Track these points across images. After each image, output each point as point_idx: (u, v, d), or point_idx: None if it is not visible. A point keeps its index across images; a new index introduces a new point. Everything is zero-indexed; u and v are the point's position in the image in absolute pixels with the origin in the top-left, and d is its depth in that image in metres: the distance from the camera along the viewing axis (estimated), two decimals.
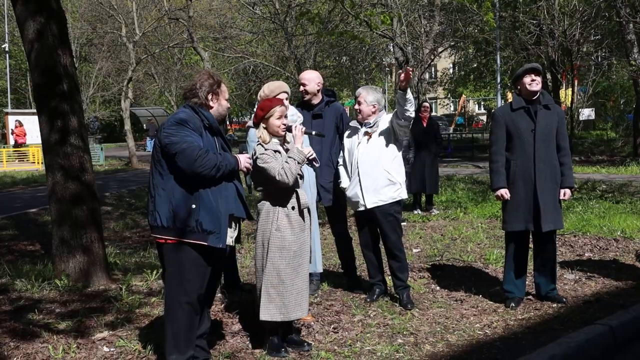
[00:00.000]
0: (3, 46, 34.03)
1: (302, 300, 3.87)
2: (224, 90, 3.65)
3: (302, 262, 3.89)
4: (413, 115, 4.72)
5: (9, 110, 30.48)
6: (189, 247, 3.38)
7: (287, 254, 3.82)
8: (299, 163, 3.77)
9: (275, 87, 4.74)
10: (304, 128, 3.92)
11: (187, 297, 3.42)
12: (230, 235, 3.56)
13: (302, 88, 5.21)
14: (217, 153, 3.45)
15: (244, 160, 3.60)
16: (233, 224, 3.58)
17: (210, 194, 3.40)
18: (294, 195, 3.87)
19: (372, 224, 5.01)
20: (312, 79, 5.22)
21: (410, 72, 4.59)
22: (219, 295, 5.02)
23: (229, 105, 3.73)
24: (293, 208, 3.86)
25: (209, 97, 3.54)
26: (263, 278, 3.84)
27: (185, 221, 3.33)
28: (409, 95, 4.67)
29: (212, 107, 3.56)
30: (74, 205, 5.56)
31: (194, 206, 3.34)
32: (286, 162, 3.75)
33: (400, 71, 4.76)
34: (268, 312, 3.82)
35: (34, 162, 23.06)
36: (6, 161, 23.45)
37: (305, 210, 3.95)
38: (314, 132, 3.99)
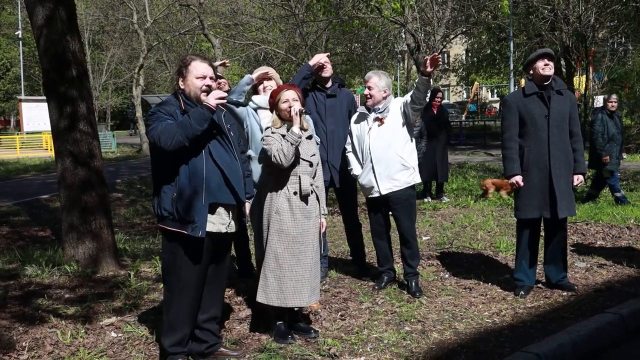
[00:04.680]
0: (16, 33, 34.24)
1: (303, 288, 3.82)
2: (192, 69, 3.42)
3: (303, 250, 3.84)
4: (427, 100, 4.68)
5: (23, 97, 30.69)
6: (176, 235, 3.36)
7: (285, 238, 3.80)
8: (292, 144, 3.74)
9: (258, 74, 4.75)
10: (298, 109, 3.85)
11: (179, 285, 3.41)
12: (222, 222, 3.47)
13: (324, 74, 5.20)
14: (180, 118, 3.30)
15: (212, 98, 3.35)
16: (223, 211, 3.46)
17: (188, 183, 3.32)
18: (297, 180, 3.85)
19: (385, 210, 4.97)
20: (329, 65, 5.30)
21: (439, 58, 4.51)
22: (228, 281, 5.02)
23: (204, 84, 3.41)
24: (295, 193, 3.83)
25: (179, 81, 3.49)
26: (263, 261, 3.84)
27: (169, 209, 3.34)
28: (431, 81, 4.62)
29: (184, 90, 3.47)
30: (83, 191, 5.58)
31: (174, 194, 3.33)
32: (281, 144, 3.73)
33: (427, 57, 4.63)
34: (265, 295, 3.82)
35: (47, 149, 23.23)
36: (19, 147, 23.65)
37: (313, 199, 3.92)
38: (304, 110, 3.93)
